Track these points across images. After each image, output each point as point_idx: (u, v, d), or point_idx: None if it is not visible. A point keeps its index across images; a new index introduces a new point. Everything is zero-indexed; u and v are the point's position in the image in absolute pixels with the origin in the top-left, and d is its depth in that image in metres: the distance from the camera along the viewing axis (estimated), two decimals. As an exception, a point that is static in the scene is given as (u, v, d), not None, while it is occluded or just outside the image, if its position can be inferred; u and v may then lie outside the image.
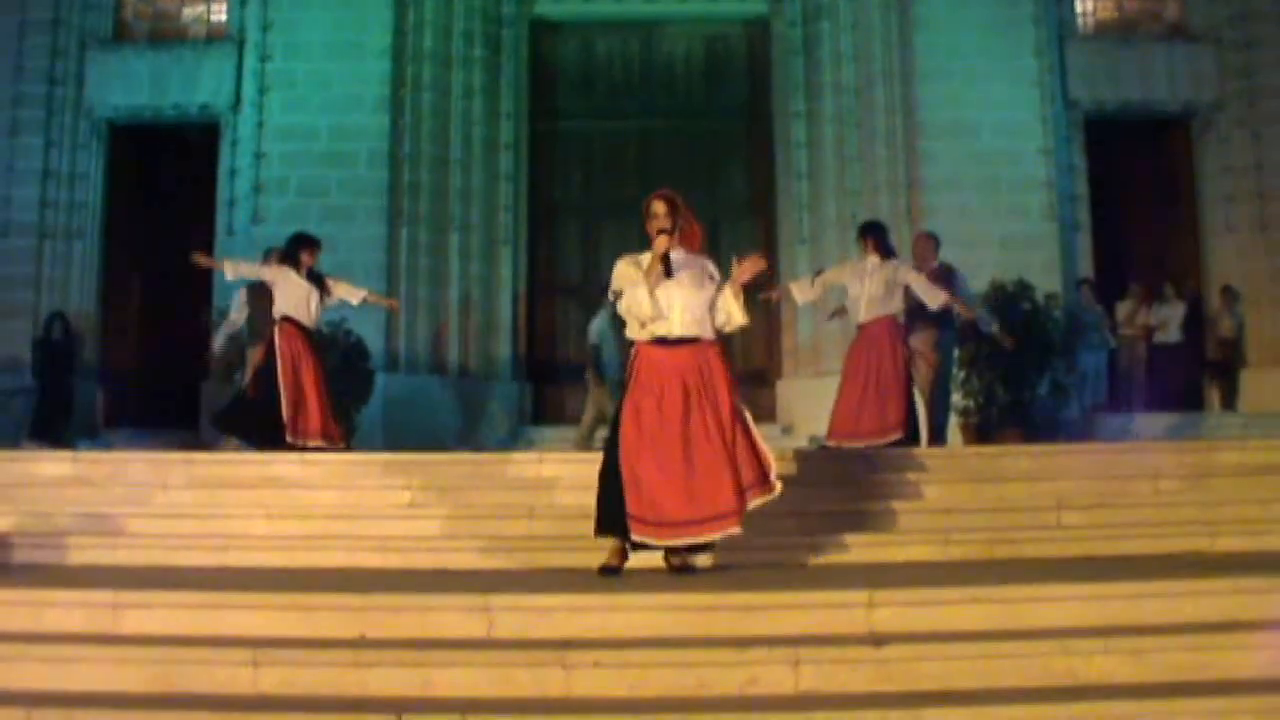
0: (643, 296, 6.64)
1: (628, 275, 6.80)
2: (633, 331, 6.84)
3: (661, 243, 6.68)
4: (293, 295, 10.49)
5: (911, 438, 10.28)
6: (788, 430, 14.78)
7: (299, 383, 10.25)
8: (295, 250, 10.67)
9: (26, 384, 14.75)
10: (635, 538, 6.50)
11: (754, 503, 6.54)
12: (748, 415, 6.73)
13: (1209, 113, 16.34)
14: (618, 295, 6.82)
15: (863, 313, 10.48)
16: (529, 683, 4.89)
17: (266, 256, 11.54)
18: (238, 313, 12.04)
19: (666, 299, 6.65)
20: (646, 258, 6.75)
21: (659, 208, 6.79)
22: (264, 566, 7.34)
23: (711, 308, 6.74)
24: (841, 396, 10.41)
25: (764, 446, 6.68)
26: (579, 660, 4.93)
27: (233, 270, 11.11)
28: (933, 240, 11.56)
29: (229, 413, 10.79)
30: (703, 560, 6.81)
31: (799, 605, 5.46)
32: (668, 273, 6.67)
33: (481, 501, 8.42)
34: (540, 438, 14.54)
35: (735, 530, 6.47)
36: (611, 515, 6.54)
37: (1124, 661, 5.00)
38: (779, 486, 6.61)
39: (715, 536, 6.51)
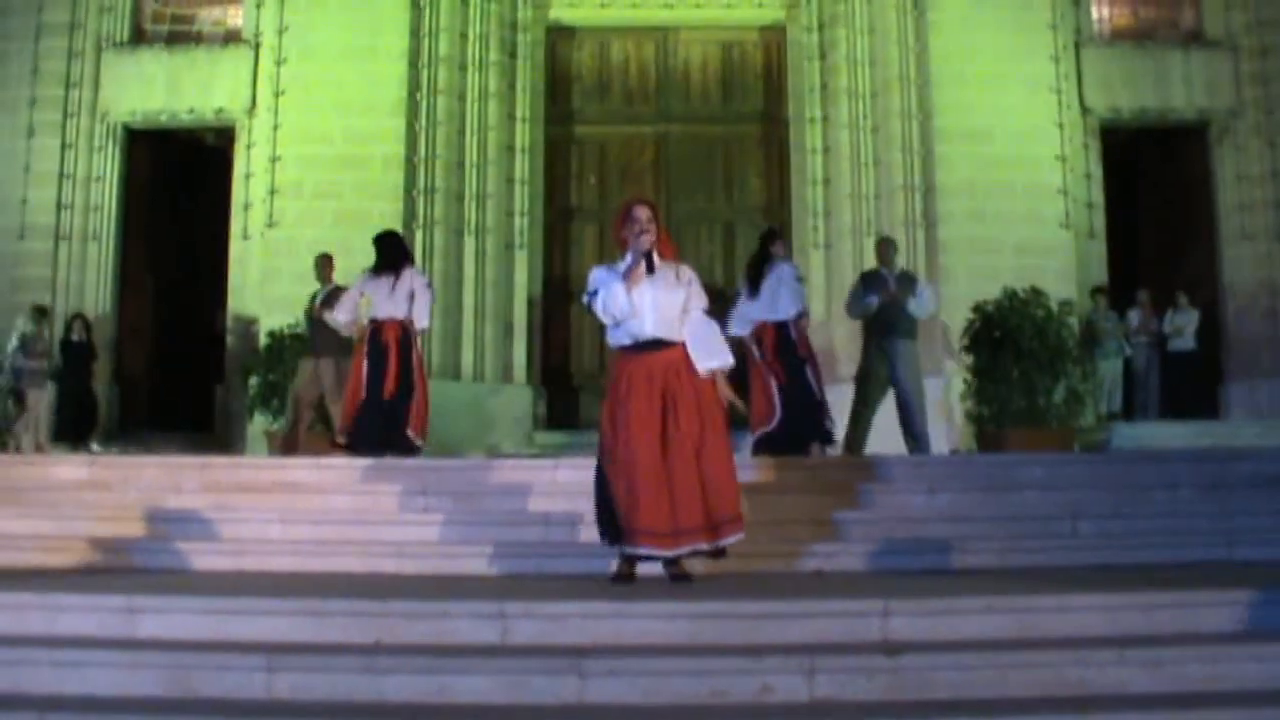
0: (619, 293, 6.68)
1: (604, 278, 6.81)
2: (610, 335, 6.89)
3: (646, 242, 6.69)
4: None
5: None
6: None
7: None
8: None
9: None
10: (641, 551, 6.52)
11: (726, 540, 6.56)
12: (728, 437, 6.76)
13: (1225, 120, 16.28)
14: (592, 296, 6.82)
15: None
16: (544, 690, 4.89)
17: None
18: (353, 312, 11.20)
19: (640, 297, 6.67)
20: (622, 265, 6.78)
21: (643, 213, 6.78)
22: (278, 571, 7.35)
23: (683, 312, 6.75)
24: None
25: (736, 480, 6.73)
26: (594, 668, 4.93)
27: (351, 312, 11.08)
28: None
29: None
30: (696, 566, 6.74)
31: (813, 613, 5.45)
32: (650, 270, 6.68)
33: (496, 507, 8.43)
34: (555, 443, 14.53)
35: (703, 545, 6.52)
36: (615, 527, 6.62)
37: (1139, 672, 4.98)
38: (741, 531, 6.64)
39: (683, 550, 6.51)
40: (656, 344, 6.68)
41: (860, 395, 11.48)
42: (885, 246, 12.01)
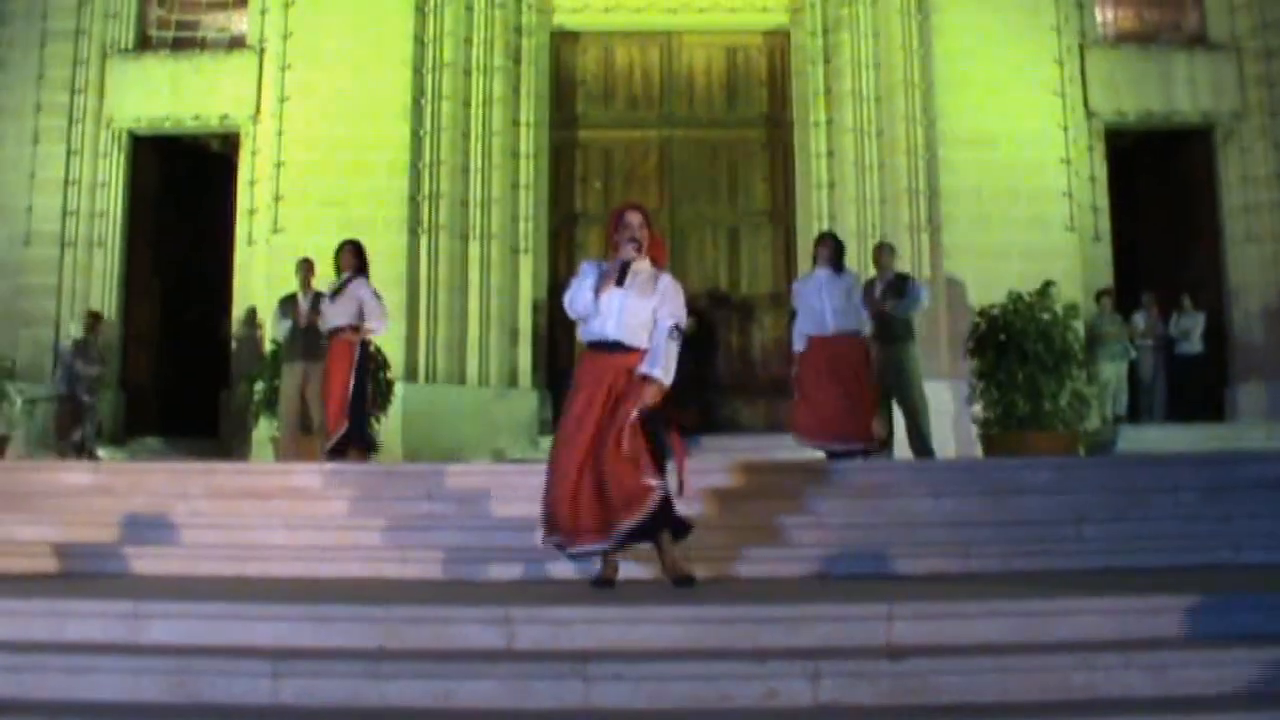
0: (586, 293, 6.71)
1: (586, 271, 6.85)
2: (579, 331, 6.96)
3: (628, 253, 6.71)
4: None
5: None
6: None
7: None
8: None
9: (49, 391, 14.78)
10: (543, 540, 6.62)
11: (632, 520, 6.43)
12: (648, 428, 6.63)
13: (1230, 122, 16.26)
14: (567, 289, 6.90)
15: None
16: (549, 695, 4.89)
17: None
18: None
19: (607, 301, 6.68)
20: (608, 266, 6.81)
21: (635, 218, 6.83)
22: (283, 576, 7.37)
23: (653, 319, 6.71)
24: None
25: (644, 475, 6.49)
26: (599, 672, 4.94)
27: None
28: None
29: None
30: (696, 569, 6.70)
31: (818, 618, 5.46)
32: (620, 280, 6.69)
33: (500, 512, 8.42)
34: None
35: (594, 547, 6.50)
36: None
37: (1144, 676, 4.98)
38: (640, 514, 6.45)
39: (581, 549, 6.54)
40: (615, 346, 6.71)
41: None
42: (878, 252, 12.12)
